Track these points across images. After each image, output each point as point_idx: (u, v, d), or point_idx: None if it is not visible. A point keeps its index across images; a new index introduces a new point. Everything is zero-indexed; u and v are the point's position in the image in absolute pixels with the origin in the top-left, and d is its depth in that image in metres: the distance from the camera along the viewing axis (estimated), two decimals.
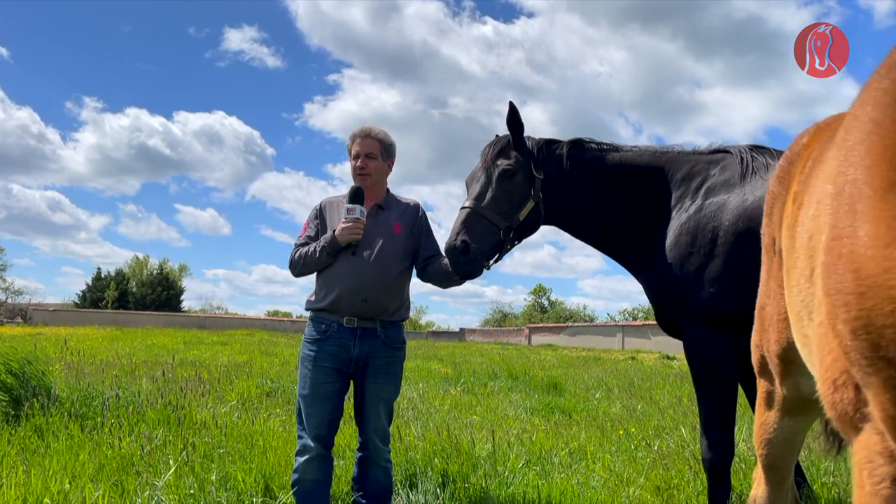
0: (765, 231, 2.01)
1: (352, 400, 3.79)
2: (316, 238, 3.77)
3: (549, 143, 3.84)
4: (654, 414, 7.62)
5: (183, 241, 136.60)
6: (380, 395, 3.68)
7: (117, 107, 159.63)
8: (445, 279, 3.72)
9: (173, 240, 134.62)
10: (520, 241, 3.78)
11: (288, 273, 3.86)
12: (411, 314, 4.00)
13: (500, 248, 3.63)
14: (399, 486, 4.16)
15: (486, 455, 4.86)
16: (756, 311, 2.10)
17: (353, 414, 3.81)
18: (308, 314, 3.81)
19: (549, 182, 3.73)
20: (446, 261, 3.75)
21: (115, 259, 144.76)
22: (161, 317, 54.08)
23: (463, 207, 3.60)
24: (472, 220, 3.53)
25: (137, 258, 76.04)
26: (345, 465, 4.34)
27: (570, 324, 53.79)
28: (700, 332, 3.49)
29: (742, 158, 3.68)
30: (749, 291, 3.44)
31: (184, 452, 4.26)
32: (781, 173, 1.92)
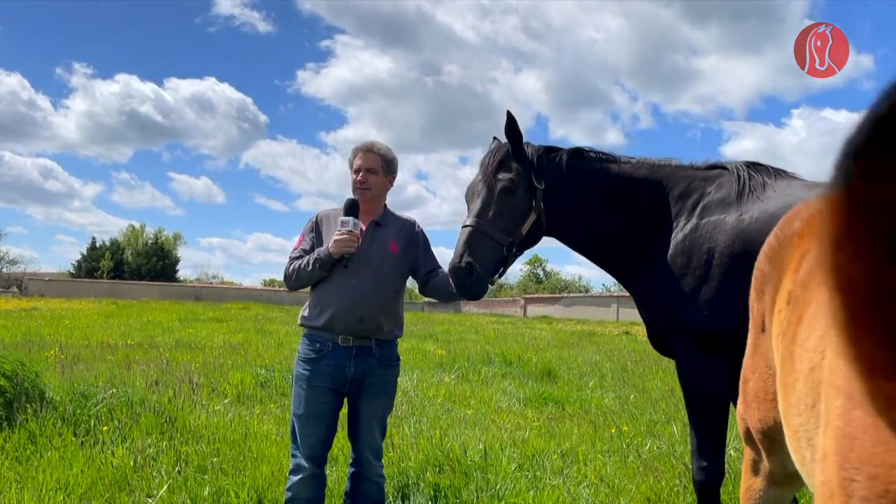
0: (753, 306, 1.99)
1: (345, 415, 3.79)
2: (311, 251, 3.76)
3: (549, 151, 3.80)
4: (646, 407, 7.67)
5: (177, 210, 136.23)
6: (374, 414, 3.69)
7: (107, 73, 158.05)
8: (447, 295, 3.72)
9: (167, 208, 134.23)
10: (521, 253, 3.75)
11: (283, 241, 3.86)
12: (407, 284, 4.02)
13: (504, 263, 3.61)
14: (391, 497, 4.19)
15: (479, 460, 4.90)
16: (740, 384, 2.09)
17: (345, 427, 3.82)
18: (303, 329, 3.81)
19: (549, 192, 3.69)
20: (447, 274, 3.73)
21: (109, 228, 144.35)
22: (157, 287, 54.05)
23: (465, 226, 3.55)
24: (476, 240, 3.48)
25: (133, 227, 75.82)
26: (337, 474, 4.37)
27: (565, 294, 54.00)
28: (693, 354, 3.50)
29: (739, 176, 3.64)
30: (744, 315, 3.45)
31: (177, 467, 4.28)
32: (772, 254, 1.89)
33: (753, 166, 3.74)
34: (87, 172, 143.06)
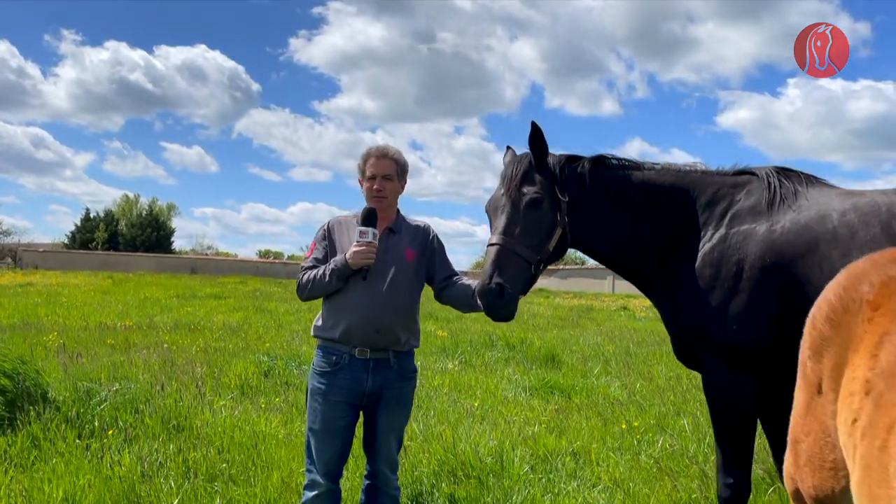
0: (807, 363, 1.87)
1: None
2: (324, 261, 3.63)
3: (571, 161, 3.65)
4: (654, 398, 7.61)
5: (170, 180, 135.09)
6: (391, 427, 3.61)
7: (96, 40, 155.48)
8: (467, 307, 3.60)
9: (160, 177, 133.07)
10: (546, 267, 3.63)
11: (278, 212, 3.74)
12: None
13: (532, 281, 3.49)
14: None
15: (492, 463, 4.82)
16: (789, 442, 1.98)
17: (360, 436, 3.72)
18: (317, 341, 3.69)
19: (573, 204, 3.55)
20: (465, 281, 3.63)
21: (102, 197, 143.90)
22: (153, 259, 53.90)
23: (491, 244, 3.41)
24: (504, 259, 3.34)
25: (127, 197, 75.21)
26: (350, 483, 4.28)
27: (561, 267, 53.98)
28: (720, 370, 3.40)
29: (769, 183, 3.51)
30: (775, 329, 3.34)
31: (186, 476, 4.19)
32: (834, 317, 1.76)
33: (784, 172, 3.60)
34: (79, 142, 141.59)
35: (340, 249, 3.60)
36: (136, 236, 68.20)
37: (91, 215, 68.91)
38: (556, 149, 3.70)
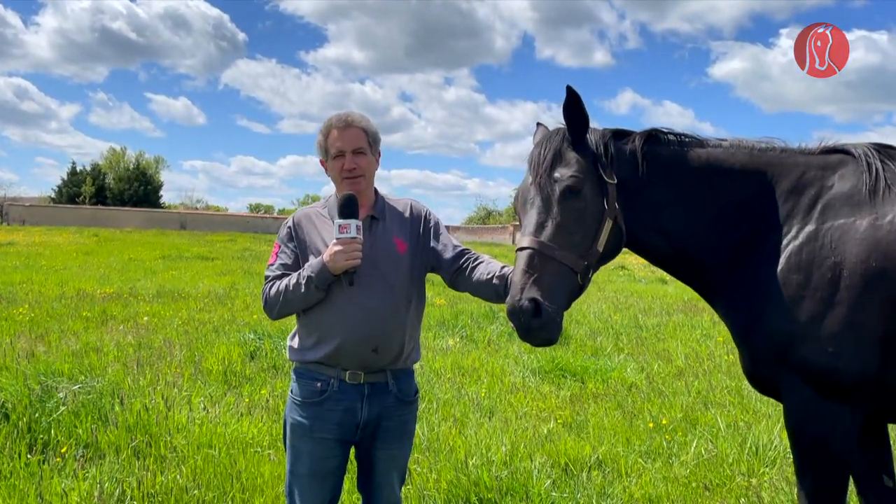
0: None
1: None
2: (295, 266, 2.89)
3: (618, 137, 2.89)
4: (675, 384, 6.98)
5: (157, 132, 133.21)
6: (394, 464, 2.94)
7: None
8: (494, 296, 2.82)
9: (147, 129, 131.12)
10: (595, 272, 2.88)
11: (267, 165, 3.03)
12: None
13: (579, 293, 2.74)
14: None
15: (508, 479, 4.18)
16: None
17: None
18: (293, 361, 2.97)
19: (623, 189, 2.81)
20: (485, 260, 2.91)
21: (88, 150, 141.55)
22: (141, 214, 52.99)
23: (521, 248, 2.63)
24: (539, 265, 2.56)
25: (114, 150, 73.70)
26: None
27: None
28: (808, 399, 2.69)
29: (869, 165, 2.77)
30: (880, 351, 2.65)
31: None
32: None
33: (886, 151, 2.86)
34: (63, 93, 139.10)
35: (314, 251, 2.86)
36: (123, 190, 67.01)
37: (78, 169, 67.64)
38: (549, 103, 2.88)
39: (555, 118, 2.90)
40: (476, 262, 2.92)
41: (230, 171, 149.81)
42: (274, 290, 2.84)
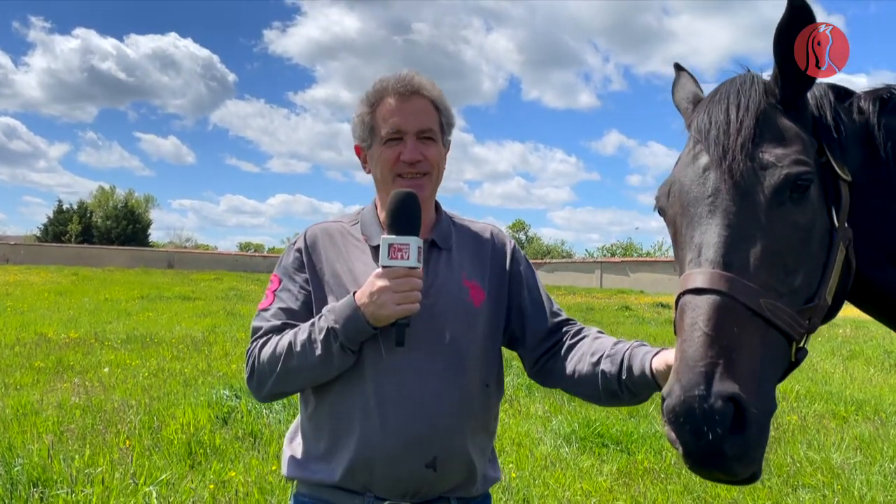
0: None
1: None
2: (303, 314, 1.74)
3: (840, 97, 1.65)
4: None
5: (146, 171, 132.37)
6: None
7: (65, 28, 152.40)
8: (602, 394, 1.68)
9: (136, 168, 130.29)
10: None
11: (257, 203, 1.98)
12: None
13: (783, 378, 1.44)
14: None
15: None
16: None
17: None
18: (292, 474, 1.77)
19: (856, 189, 1.56)
20: (594, 338, 1.75)
21: (77, 189, 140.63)
22: (127, 252, 51.46)
23: (700, 290, 1.33)
24: (734, 328, 1.29)
25: (102, 189, 72.91)
26: None
27: (548, 260, 52.46)
28: None
29: None
30: None
31: None
32: None
33: None
34: (52, 132, 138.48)
35: (337, 288, 1.71)
36: (111, 229, 65.92)
37: (64, 207, 66.55)
38: (536, 143, 1.80)
39: (542, 158, 1.71)
40: (577, 338, 1.76)
41: (219, 209, 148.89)
42: (268, 351, 1.66)
